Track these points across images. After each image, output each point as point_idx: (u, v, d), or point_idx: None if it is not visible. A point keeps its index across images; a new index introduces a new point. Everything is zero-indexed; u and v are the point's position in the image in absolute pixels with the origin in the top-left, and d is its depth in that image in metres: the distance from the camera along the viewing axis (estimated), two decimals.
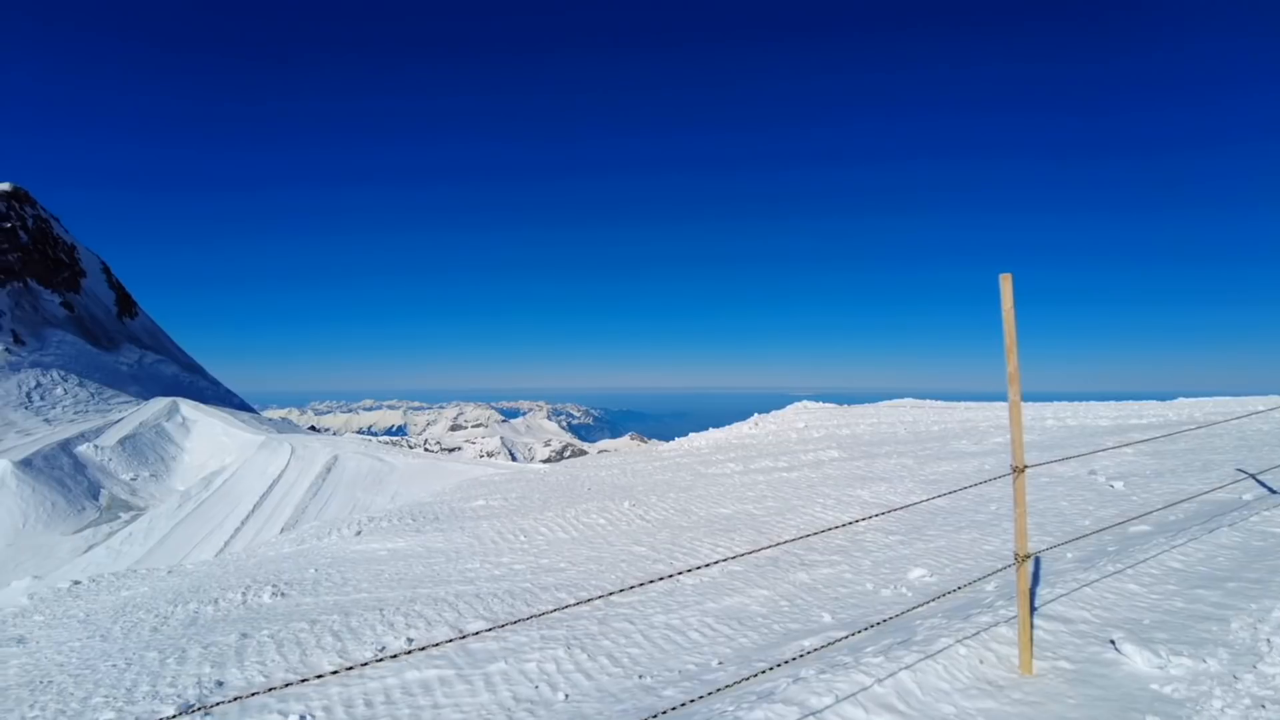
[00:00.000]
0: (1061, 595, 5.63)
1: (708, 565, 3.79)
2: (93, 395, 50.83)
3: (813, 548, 8.91)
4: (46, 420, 45.00)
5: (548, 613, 4.43)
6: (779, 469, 15.55)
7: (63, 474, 35.69)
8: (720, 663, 5.90)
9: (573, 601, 7.63)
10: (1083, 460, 12.48)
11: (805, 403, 29.44)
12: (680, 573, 4.37)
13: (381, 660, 4.21)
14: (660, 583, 7.83)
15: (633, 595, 7.53)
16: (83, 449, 38.48)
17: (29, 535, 31.87)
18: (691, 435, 24.52)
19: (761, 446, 19.95)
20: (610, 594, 4.15)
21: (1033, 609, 5.40)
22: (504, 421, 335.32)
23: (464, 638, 4.86)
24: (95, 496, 35.48)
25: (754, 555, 8.75)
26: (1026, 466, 4.58)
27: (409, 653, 4.01)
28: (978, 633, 5.02)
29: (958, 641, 4.90)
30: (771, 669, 5.05)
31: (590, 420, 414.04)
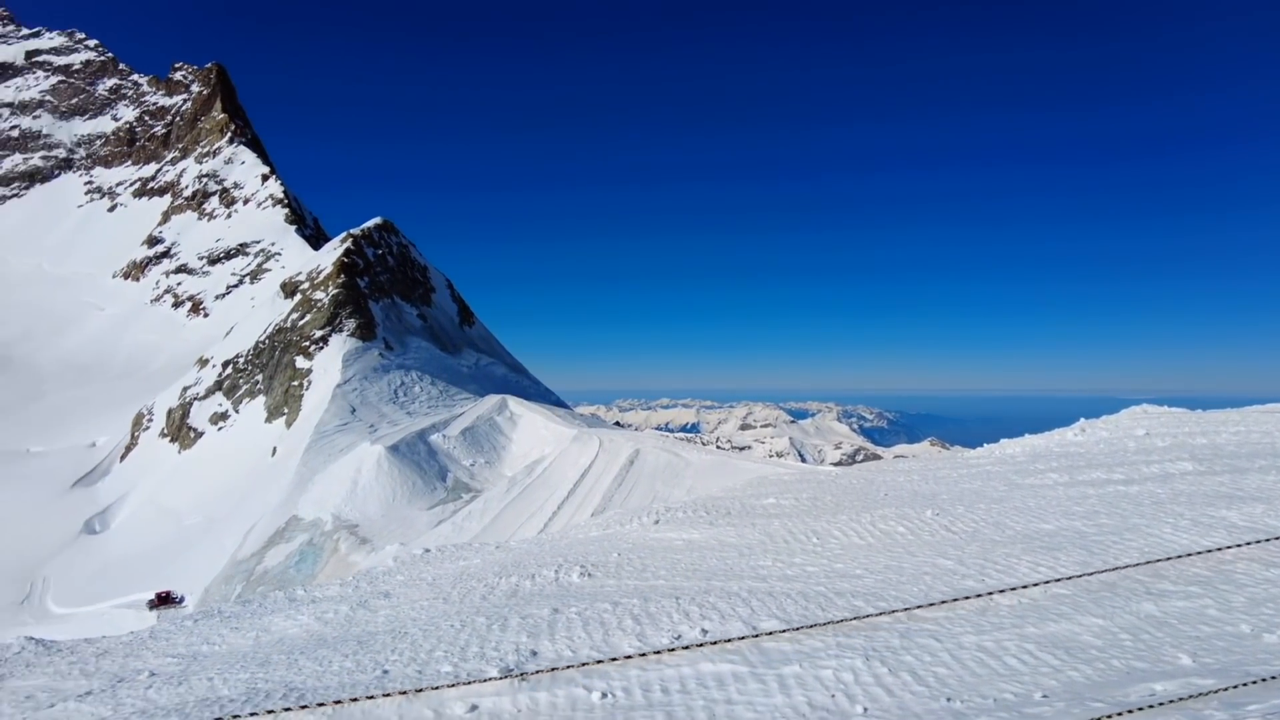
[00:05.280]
0: None
1: (1046, 583, 3.29)
2: (441, 393, 59.31)
3: (1162, 575, 7.55)
4: (408, 413, 53.36)
5: (869, 616, 4.17)
6: (1114, 481, 13.50)
7: (420, 458, 42.10)
8: (1045, 695, 5.19)
9: (890, 610, 7.22)
10: None
11: (1145, 407, 25.36)
12: (1002, 590, 3.88)
13: (686, 648, 4.26)
14: (971, 601, 7.10)
15: (938, 611, 6.92)
16: (434, 438, 45.07)
17: (396, 508, 38.00)
18: (1003, 441, 22.27)
19: (1090, 456, 17.50)
20: (938, 603, 3.80)
21: None
22: (792, 422, 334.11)
23: (758, 635, 4.77)
24: (443, 479, 41.37)
25: (1085, 579, 7.62)
26: None
27: (713, 643, 4.01)
28: None
29: None
30: (1118, 717, 4.30)
31: (884, 423, 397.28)
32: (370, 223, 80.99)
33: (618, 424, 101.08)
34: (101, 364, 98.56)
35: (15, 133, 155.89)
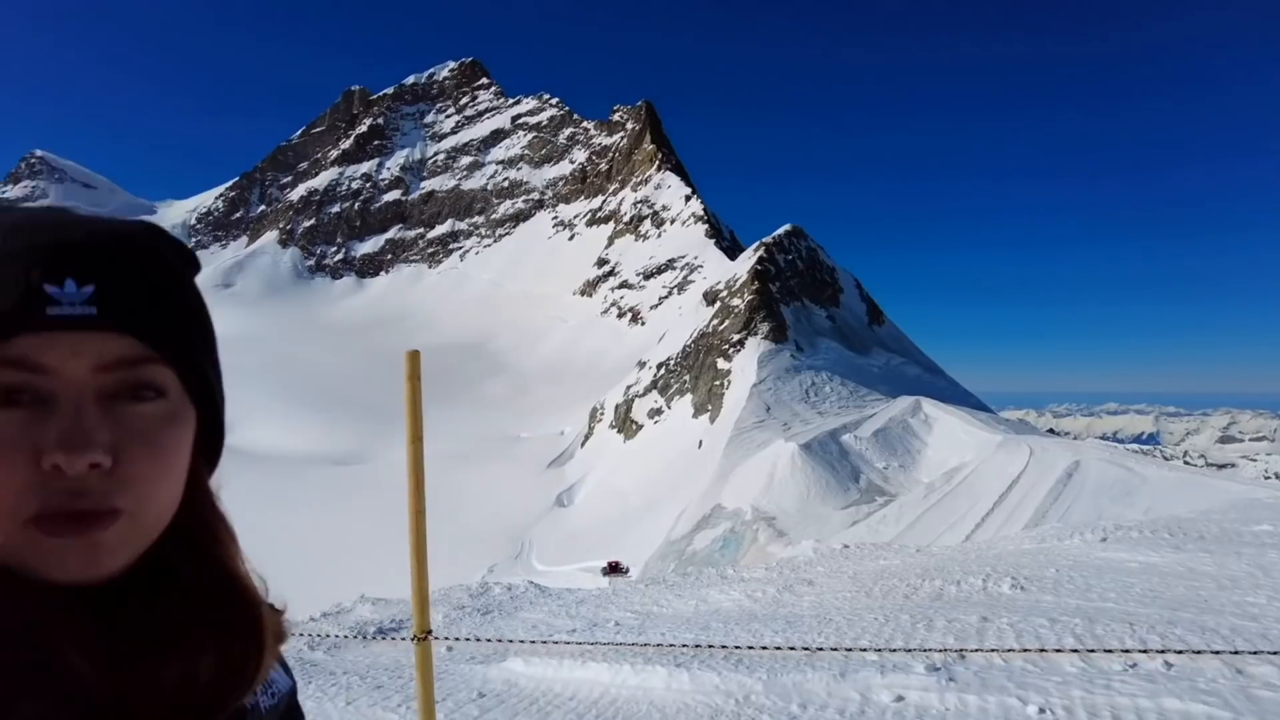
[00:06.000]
0: None
1: None
2: (851, 393, 59.28)
3: None
4: (819, 412, 54.36)
5: None
6: None
7: (831, 458, 42.62)
8: None
9: None
10: None
11: None
12: None
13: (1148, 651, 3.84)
14: None
15: None
16: (845, 438, 45.23)
17: (810, 505, 39.00)
18: None
19: None
20: None
21: None
22: None
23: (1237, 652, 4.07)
24: (856, 479, 41.32)
25: None
26: None
27: (1195, 651, 3.56)
28: None
29: None
30: None
31: None
32: (780, 230, 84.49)
33: (1051, 431, 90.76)
34: (566, 367, 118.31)
35: (505, 183, 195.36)
